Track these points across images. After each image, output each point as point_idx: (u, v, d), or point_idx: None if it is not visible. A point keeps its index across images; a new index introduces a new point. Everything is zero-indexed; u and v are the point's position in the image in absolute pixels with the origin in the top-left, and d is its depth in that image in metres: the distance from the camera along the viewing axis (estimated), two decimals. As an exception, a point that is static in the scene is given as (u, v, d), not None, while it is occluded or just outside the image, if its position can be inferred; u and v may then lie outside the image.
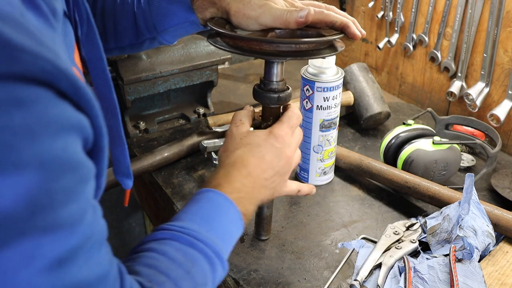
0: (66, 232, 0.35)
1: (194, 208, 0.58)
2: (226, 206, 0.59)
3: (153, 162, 0.98)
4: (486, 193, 0.94)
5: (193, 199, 0.60)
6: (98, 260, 0.39)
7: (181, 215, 0.57)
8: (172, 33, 0.81)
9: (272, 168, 0.65)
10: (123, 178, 0.62)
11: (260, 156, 0.64)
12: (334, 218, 0.87)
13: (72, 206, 0.36)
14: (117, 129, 0.56)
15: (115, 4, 0.80)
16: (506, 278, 0.72)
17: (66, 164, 0.35)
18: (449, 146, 0.91)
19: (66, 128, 0.35)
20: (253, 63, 1.57)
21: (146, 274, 0.48)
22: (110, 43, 0.84)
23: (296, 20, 0.65)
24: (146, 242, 0.53)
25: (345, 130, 1.16)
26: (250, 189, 0.63)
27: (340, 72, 0.89)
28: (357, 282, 0.69)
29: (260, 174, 0.64)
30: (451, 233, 0.74)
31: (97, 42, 0.52)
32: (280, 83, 0.69)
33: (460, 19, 1.11)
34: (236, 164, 0.63)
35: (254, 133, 0.67)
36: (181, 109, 1.21)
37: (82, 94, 0.36)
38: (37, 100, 0.33)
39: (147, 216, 1.37)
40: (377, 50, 1.38)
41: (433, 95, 1.27)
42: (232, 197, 0.60)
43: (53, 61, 0.34)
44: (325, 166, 0.94)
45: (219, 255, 0.54)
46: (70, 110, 0.36)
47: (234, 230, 0.60)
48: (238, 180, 0.62)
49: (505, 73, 1.05)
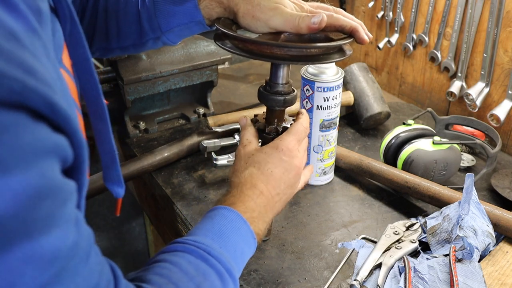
0: (47, 259, 0.34)
1: (208, 224, 0.58)
2: (239, 224, 0.59)
3: (153, 162, 0.98)
4: (486, 193, 0.94)
5: (206, 216, 0.60)
6: (85, 275, 0.38)
7: (195, 230, 0.58)
8: (177, 33, 0.80)
9: (283, 182, 0.66)
10: (113, 186, 0.58)
11: (269, 173, 0.65)
12: (334, 218, 0.87)
13: (54, 232, 0.34)
14: (105, 134, 0.53)
15: (118, 3, 0.79)
16: (506, 278, 0.72)
17: (43, 191, 0.33)
18: (449, 146, 0.91)
19: (41, 154, 0.33)
20: (253, 63, 1.57)
21: (157, 283, 0.47)
22: (112, 43, 0.83)
23: (309, 26, 0.64)
24: (160, 254, 0.54)
25: (345, 130, 1.16)
26: (263, 208, 0.63)
27: (340, 72, 0.89)
28: (357, 282, 0.69)
29: (271, 191, 0.64)
30: (451, 233, 0.74)
31: (82, 42, 0.49)
32: (286, 86, 0.69)
33: (460, 19, 1.11)
34: (246, 184, 0.64)
35: (261, 150, 0.67)
36: (181, 109, 1.21)
37: (59, 112, 0.34)
38: (8, 127, 0.31)
39: (147, 216, 1.37)
40: (377, 50, 1.38)
41: (433, 95, 1.27)
42: (246, 216, 0.60)
43: (23, 80, 0.31)
44: (325, 166, 0.94)
45: (231, 272, 0.54)
46: (46, 132, 0.34)
47: (246, 248, 0.60)
48: (251, 199, 0.62)
49: (505, 73, 1.05)
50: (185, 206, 0.90)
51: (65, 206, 0.36)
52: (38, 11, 0.40)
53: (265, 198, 0.64)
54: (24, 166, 0.32)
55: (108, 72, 1.13)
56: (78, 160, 0.39)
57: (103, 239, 1.79)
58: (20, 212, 0.32)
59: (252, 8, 0.68)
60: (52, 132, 0.35)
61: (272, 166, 0.65)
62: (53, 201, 0.34)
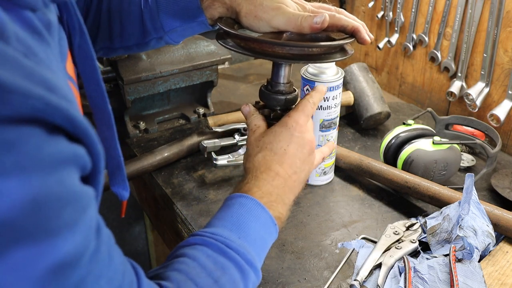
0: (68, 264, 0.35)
1: (226, 214, 0.58)
2: (258, 211, 0.58)
3: (153, 162, 0.98)
4: (486, 193, 0.94)
5: (224, 205, 0.60)
6: (109, 277, 0.39)
7: (213, 221, 0.57)
8: (179, 33, 0.80)
9: (298, 158, 0.64)
10: (119, 189, 0.60)
11: (283, 152, 0.64)
12: (334, 218, 0.87)
13: (76, 238, 0.35)
14: (112, 141, 0.54)
15: (121, 4, 0.80)
16: (506, 278, 0.72)
17: (64, 198, 0.35)
18: (449, 146, 0.91)
19: (60, 163, 0.35)
20: (253, 63, 1.57)
21: (175, 280, 0.48)
22: (115, 42, 0.83)
23: (311, 25, 0.64)
24: (179, 248, 0.54)
25: (345, 130, 1.16)
26: (281, 189, 0.62)
27: (340, 72, 0.89)
28: (357, 282, 0.69)
29: (288, 170, 0.63)
30: (451, 233, 0.74)
31: (90, 53, 0.51)
32: (287, 85, 0.69)
33: (460, 19, 1.11)
34: (261, 167, 0.63)
35: (271, 131, 0.66)
36: (181, 109, 1.21)
37: (78, 125, 0.36)
38: (28, 139, 0.32)
39: (147, 216, 1.36)
40: (377, 50, 1.38)
41: (433, 95, 1.27)
42: (263, 201, 0.59)
43: (45, 97, 0.33)
44: (325, 166, 0.94)
45: (251, 263, 0.54)
46: (64, 143, 0.35)
47: (267, 235, 0.59)
48: (267, 183, 0.61)
49: (505, 73, 1.05)
50: (185, 206, 0.90)
51: (85, 213, 0.37)
52: (48, 24, 0.42)
53: (282, 179, 0.63)
54: (44, 174, 0.33)
55: (108, 72, 1.13)
56: (95, 170, 0.40)
57: (103, 239, 1.79)
58: (39, 214, 0.33)
59: (255, 8, 0.68)
60: (71, 143, 0.36)
61: (284, 144, 0.64)
62: (74, 208, 0.35)
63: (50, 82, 0.35)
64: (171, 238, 1.03)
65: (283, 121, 0.66)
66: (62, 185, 0.34)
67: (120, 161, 0.56)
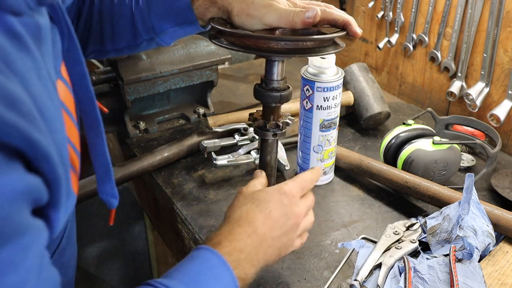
0: None
1: (187, 268, 0.56)
2: (220, 270, 0.55)
3: (153, 162, 0.98)
4: (486, 193, 0.94)
5: (190, 255, 0.57)
6: None
7: (173, 271, 0.55)
8: (170, 34, 0.80)
9: (280, 227, 0.62)
10: (108, 197, 0.57)
11: (268, 213, 0.62)
12: (334, 218, 0.87)
13: (11, 278, 0.33)
14: (100, 147, 0.53)
15: (112, 6, 0.79)
16: (506, 278, 0.72)
17: (5, 234, 0.33)
18: (449, 146, 0.91)
19: (10, 199, 0.33)
20: (253, 63, 1.57)
21: None
22: (107, 45, 0.82)
23: (303, 20, 0.65)
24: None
25: (345, 130, 1.16)
26: (254, 249, 0.60)
27: (340, 72, 0.89)
28: (357, 282, 0.69)
29: (267, 232, 0.61)
30: (451, 233, 0.74)
31: (79, 58, 0.50)
32: (281, 82, 0.70)
33: (460, 19, 1.11)
34: (241, 221, 0.61)
35: (263, 190, 0.65)
36: (181, 109, 1.21)
37: (38, 149, 0.34)
38: None
39: (147, 216, 1.37)
40: (377, 50, 1.38)
41: (433, 95, 1.27)
42: (230, 258, 0.57)
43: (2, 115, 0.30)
44: (325, 166, 0.94)
45: None
46: (18, 175, 0.33)
47: None
48: (241, 238, 0.59)
49: (505, 73, 1.05)
50: (185, 206, 0.90)
51: (26, 254, 0.35)
52: (36, 28, 0.40)
53: (258, 238, 0.60)
54: None
55: (108, 72, 1.13)
56: (53, 198, 0.38)
57: (103, 239, 1.79)
58: None
59: (247, 6, 0.68)
60: (26, 173, 0.34)
61: (271, 206, 0.62)
62: (14, 245, 0.34)
63: (15, 97, 0.32)
64: (171, 238, 1.03)
65: (278, 186, 0.65)
66: (8, 220, 0.32)
67: (109, 168, 0.54)
